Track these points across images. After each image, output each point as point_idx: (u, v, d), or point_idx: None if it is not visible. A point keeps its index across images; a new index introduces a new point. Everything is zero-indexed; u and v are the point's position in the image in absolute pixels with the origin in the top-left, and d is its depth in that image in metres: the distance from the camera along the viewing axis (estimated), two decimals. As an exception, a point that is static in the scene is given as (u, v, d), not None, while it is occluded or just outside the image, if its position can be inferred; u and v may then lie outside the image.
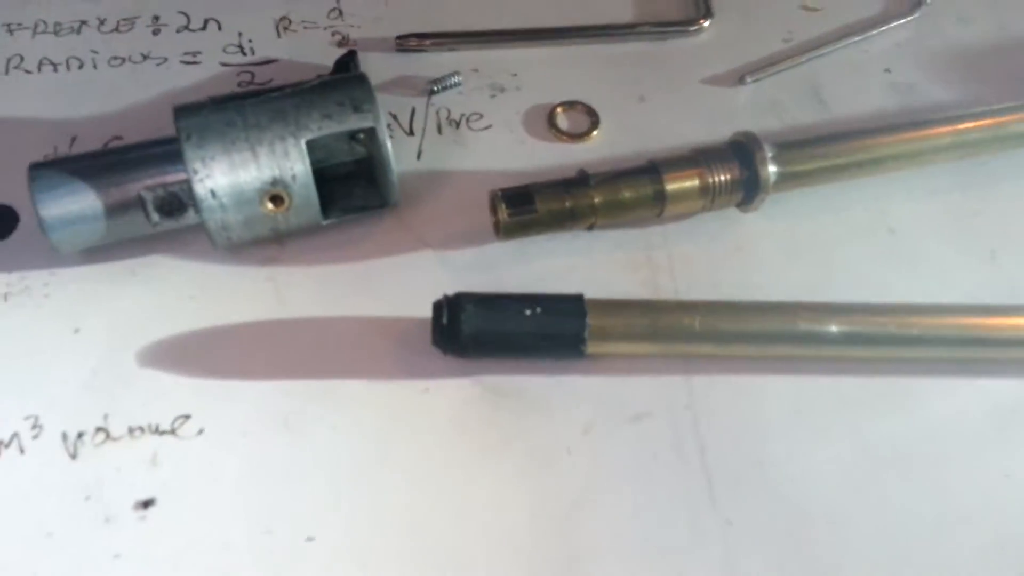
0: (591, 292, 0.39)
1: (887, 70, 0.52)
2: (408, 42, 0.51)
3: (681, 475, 0.37)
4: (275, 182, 0.39)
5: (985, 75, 0.52)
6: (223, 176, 0.38)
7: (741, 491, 0.37)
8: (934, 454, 0.38)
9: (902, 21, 0.54)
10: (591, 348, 0.38)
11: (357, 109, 0.39)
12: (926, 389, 0.40)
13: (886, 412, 0.39)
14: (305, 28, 0.52)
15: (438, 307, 0.38)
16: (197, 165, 0.37)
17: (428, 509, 0.36)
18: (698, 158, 0.42)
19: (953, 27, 0.55)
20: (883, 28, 0.54)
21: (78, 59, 0.49)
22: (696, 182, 0.42)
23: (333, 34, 0.52)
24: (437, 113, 0.49)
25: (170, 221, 0.39)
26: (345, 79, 0.41)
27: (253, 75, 0.49)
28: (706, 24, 0.53)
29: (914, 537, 0.36)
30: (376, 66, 0.49)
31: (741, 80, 0.51)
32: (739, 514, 0.36)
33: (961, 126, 0.45)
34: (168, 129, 0.41)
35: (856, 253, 0.44)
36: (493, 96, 0.50)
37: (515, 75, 0.51)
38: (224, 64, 0.50)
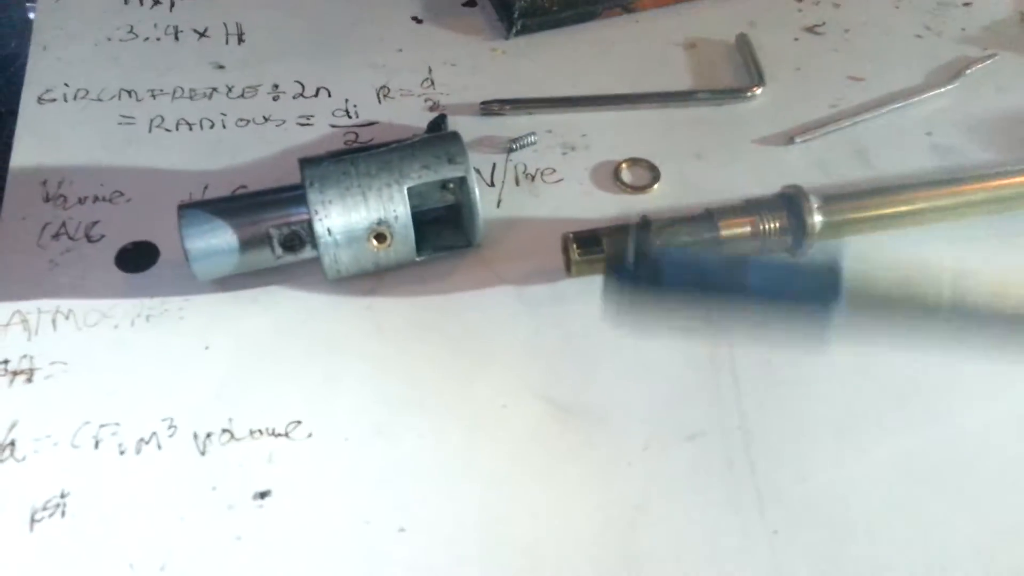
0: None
1: (928, 133, 0.57)
2: (491, 107, 0.58)
3: (732, 488, 0.41)
4: (380, 222, 0.45)
5: (1021, 139, 0.56)
6: (339, 216, 0.44)
7: (786, 504, 0.41)
8: (969, 472, 0.42)
9: (943, 89, 0.59)
10: None
11: (451, 161, 0.46)
12: (960, 407, 0.44)
13: (923, 429, 0.43)
14: (402, 95, 0.59)
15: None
16: (318, 207, 0.44)
17: (503, 508, 0.41)
18: (750, 207, 0.47)
19: (992, 96, 0.59)
20: (925, 96, 0.59)
21: (210, 120, 0.57)
22: (748, 229, 0.47)
23: (426, 100, 0.59)
24: (515, 168, 0.55)
25: (290, 255, 0.46)
26: (441, 136, 0.47)
27: (357, 135, 0.57)
28: (758, 91, 0.59)
29: (950, 552, 0.39)
30: (462, 127, 0.56)
31: (790, 140, 0.56)
32: (784, 525, 0.40)
33: (994, 183, 0.49)
34: (286, 179, 0.48)
35: (898, 296, 0.48)
36: (564, 154, 0.56)
37: (584, 136, 0.57)
38: (333, 126, 0.57)
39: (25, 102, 0.57)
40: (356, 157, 0.46)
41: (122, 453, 0.42)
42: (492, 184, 0.54)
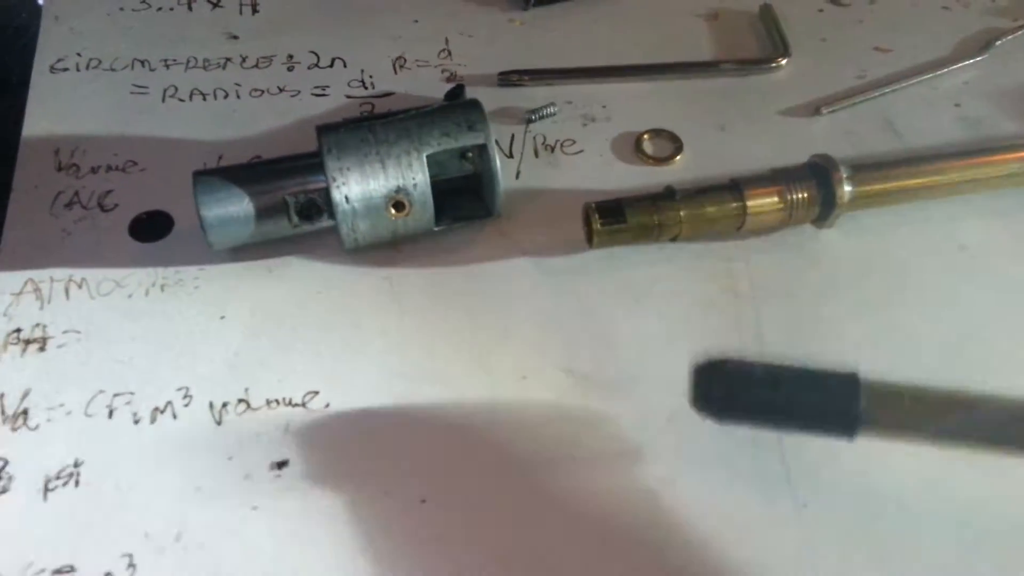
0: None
1: (957, 104, 0.56)
2: (509, 77, 0.57)
3: (759, 461, 0.40)
4: (399, 190, 0.44)
5: (1054, 111, 0.55)
6: (356, 184, 0.44)
7: (815, 477, 0.40)
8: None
9: (972, 61, 0.58)
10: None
11: (471, 128, 0.45)
12: (997, 382, 0.42)
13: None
14: (418, 66, 0.58)
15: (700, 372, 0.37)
16: (335, 174, 0.43)
17: (526, 480, 0.40)
18: (777, 177, 0.46)
19: (1022, 67, 0.58)
20: (953, 67, 0.57)
21: (224, 90, 0.56)
22: (775, 199, 0.46)
23: (442, 71, 0.58)
24: (534, 139, 0.54)
25: (307, 224, 0.45)
26: (461, 104, 0.46)
27: (373, 106, 0.56)
28: (784, 62, 0.57)
29: (983, 529, 0.38)
30: (480, 98, 0.54)
31: (817, 111, 0.55)
32: (813, 498, 0.39)
33: (1026, 153, 0.47)
34: (301, 150, 0.47)
35: (927, 268, 0.47)
36: (585, 125, 0.55)
37: (605, 107, 0.56)
38: (349, 96, 0.56)
39: (37, 71, 0.56)
40: (374, 124, 0.45)
41: (136, 422, 0.42)
42: (511, 155, 0.53)
